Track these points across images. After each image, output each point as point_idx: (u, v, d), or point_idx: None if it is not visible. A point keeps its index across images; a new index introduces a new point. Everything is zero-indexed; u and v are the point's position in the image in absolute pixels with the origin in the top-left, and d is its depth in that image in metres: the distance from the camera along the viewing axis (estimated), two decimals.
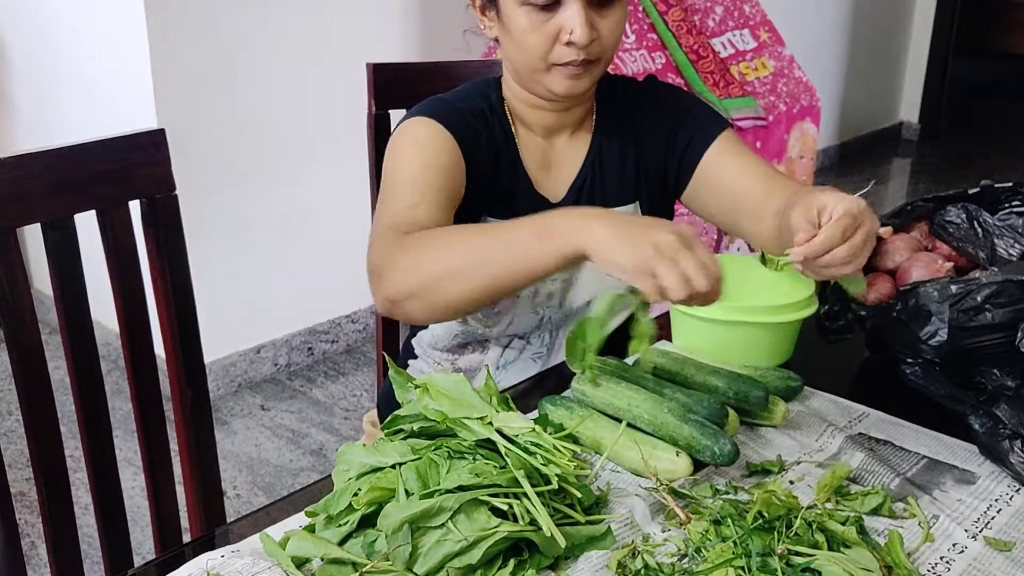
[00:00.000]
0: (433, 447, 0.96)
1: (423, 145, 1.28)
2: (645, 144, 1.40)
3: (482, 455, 0.95)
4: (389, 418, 1.04)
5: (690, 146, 1.37)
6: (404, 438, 1.00)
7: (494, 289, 1.08)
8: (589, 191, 1.39)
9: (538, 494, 0.91)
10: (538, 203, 1.37)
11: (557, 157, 1.40)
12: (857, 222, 1.04)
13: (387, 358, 1.16)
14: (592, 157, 1.40)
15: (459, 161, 1.29)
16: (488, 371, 1.10)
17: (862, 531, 0.96)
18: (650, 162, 1.41)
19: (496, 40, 1.33)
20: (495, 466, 0.93)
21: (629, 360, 1.27)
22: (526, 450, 0.96)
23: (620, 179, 1.40)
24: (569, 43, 1.23)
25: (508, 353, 1.45)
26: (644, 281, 0.95)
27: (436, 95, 1.37)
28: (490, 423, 0.98)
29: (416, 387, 1.04)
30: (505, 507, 0.90)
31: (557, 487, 0.94)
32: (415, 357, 1.53)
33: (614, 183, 1.40)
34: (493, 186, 1.35)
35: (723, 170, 1.35)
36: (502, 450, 0.95)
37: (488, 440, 0.96)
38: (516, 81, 1.35)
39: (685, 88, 3.05)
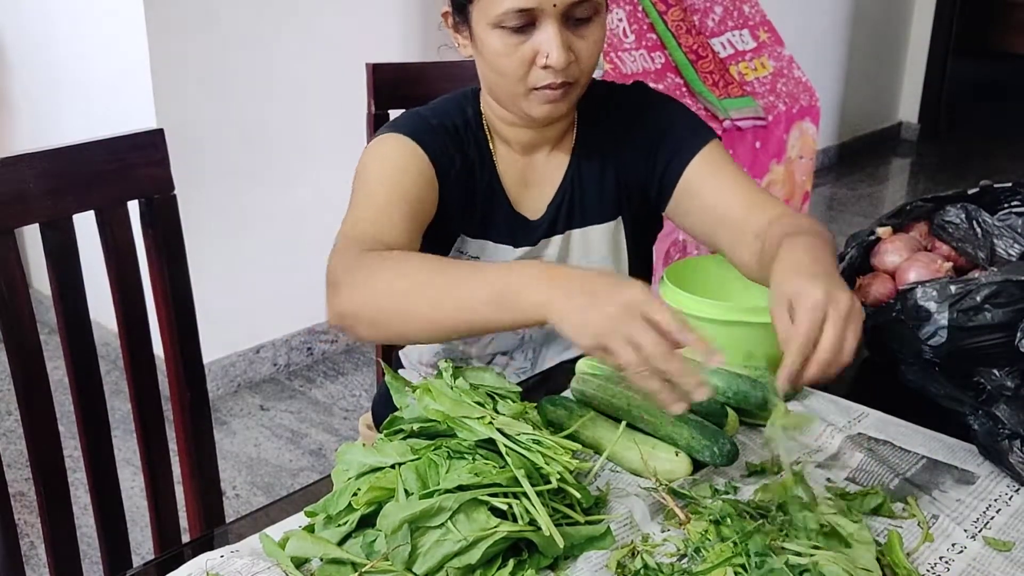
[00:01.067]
0: (433, 447, 0.96)
1: (394, 162, 1.23)
2: (626, 159, 1.35)
3: (482, 455, 0.95)
4: (388, 419, 1.04)
5: (672, 160, 1.32)
6: (404, 438, 1.00)
7: (443, 337, 1.09)
8: (568, 209, 1.35)
9: (538, 494, 0.91)
10: (515, 221, 1.34)
11: (536, 174, 1.36)
12: (821, 314, 0.93)
13: (384, 366, 1.15)
14: (571, 174, 1.35)
15: (430, 180, 1.25)
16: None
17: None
18: (631, 177, 1.36)
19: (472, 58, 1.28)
20: (495, 466, 0.93)
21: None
22: (527, 448, 0.96)
23: (600, 196, 1.36)
24: (546, 66, 1.17)
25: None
26: (601, 356, 0.92)
27: (414, 109, 1.32)
28: (491, 423, 0.98)
29: (414, 390, 1.04)
30: (504, 507, 0.90)
31: (557, 487, 0.94)
32: (403, 367, 1.53)
33: (594, 201, 1.36)
34: (469, 204, 1.31)
35: (703, 185, 1.30)
36: (502, 449, 0.95)
37: (488, 440, 0.96)
38: (493, 99, 1.30)
39: (684, 88, 3.05)
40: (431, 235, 1.27)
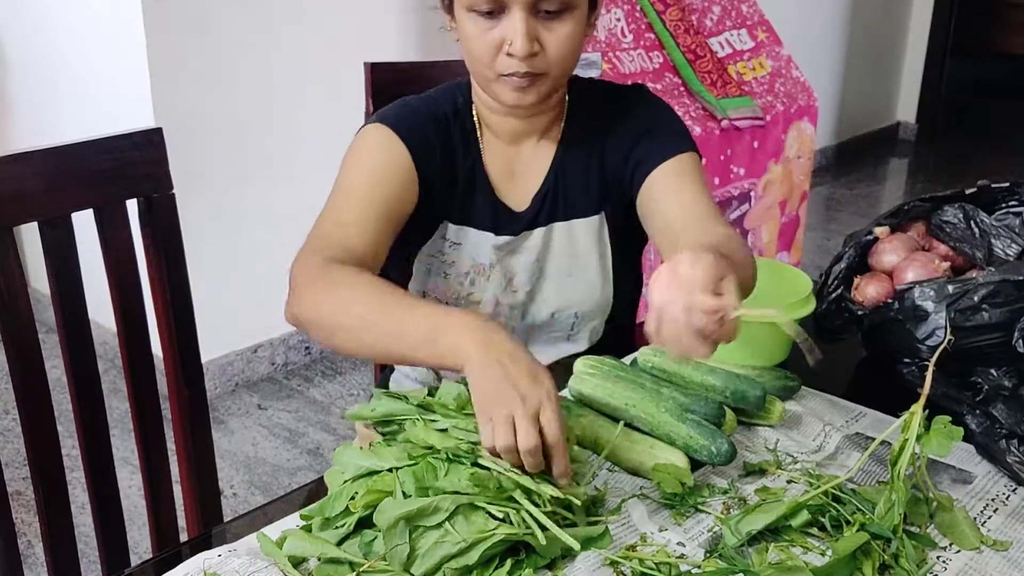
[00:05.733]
0: (432, 453, 0.96)
1: (374, 159, 1.27)
2: (609, 155, 1.36)
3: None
4: (383, 423, 1.04)
5: (642, 162, 1.32)
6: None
7: (383, 360, 1.14)
8: (552, 201, 1.36)
9: (536, 495, 0.91)
10: (499, 211, 1.34)
11: (522, 165, 1.36)
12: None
13: (375, 390, 1.15)
14: (556, 166, 1.36)
15: (408, 174, 1.27)
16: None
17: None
18: (612, 172, 1.36)
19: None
20: (493, 477, 0.92)
21: (626, 360, 1.27)
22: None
23: (584, 190, 1.36)
24: (510, 54, 1.19)
25: None
26: (482, 426, 0.95)
27: (406, 97, 1.35)
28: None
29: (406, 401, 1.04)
30: (502, 515, 0.89)
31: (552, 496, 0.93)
32: (394, 369, 1.53)
33: (577, 194, 1.36)
34: (451, 191, 1.33)
35: (662, 194, 1.29)
36: (494, 474, 0.94)
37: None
38: (475, 83, 1.33)
39: (682, 88, 3.05)
40: (415, 221, 1.30)
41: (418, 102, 1.34)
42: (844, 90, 5.39)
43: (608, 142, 1.36)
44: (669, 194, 1.28)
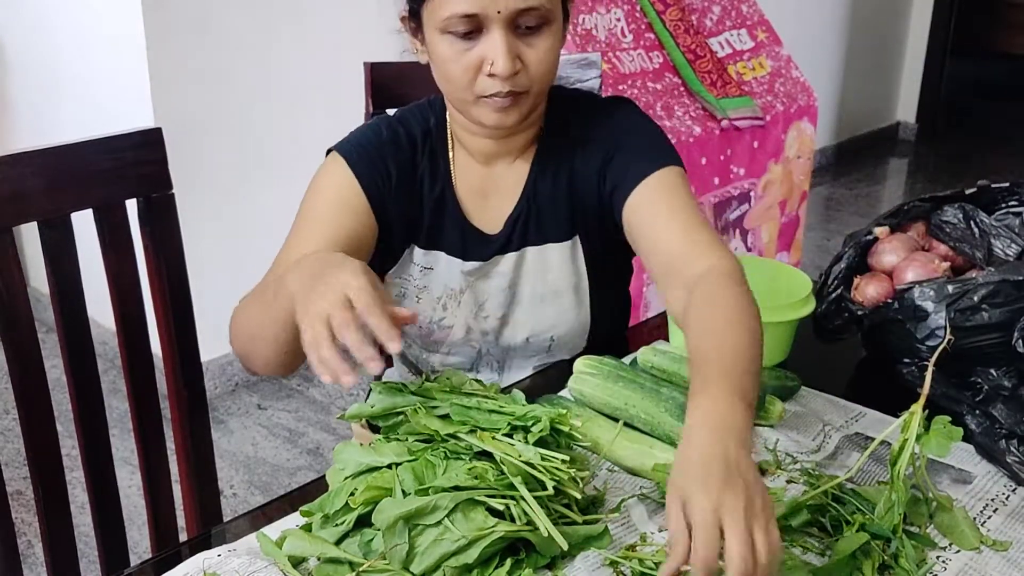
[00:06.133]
0: (430, 449, 0.96)
1: (324, 190, 1.25)
2: (579, 175, 1.29)
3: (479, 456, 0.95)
4: (383, 417, 1.04)
5: (620, 184, 1.25)
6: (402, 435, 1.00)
7: (287, 351, 1.06)
8: (524, 225, 1.31)
9: (535, 496, 0.91)
10: (468, 235, 1.30)
11: (494, 186, 1.31)
12: (714, 527, 0.79)
13: (372, 384, 1.14)
14: (529, 189, 1.30)
15: (360, 204, 1.24)
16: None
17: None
18: (585, 194, 1.29)
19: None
20: (492, 468, 0.93)
21: (626, 360, 1.27)
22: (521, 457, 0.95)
23: (555, 213, 1.30)
24: (492, 75, 1.14)
25: None
26: (303, 339, 0.92)
27: (378, 117, 1.32)
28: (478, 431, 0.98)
29: (407, 391, 1.04)
30: (502, 508, 0.89)
31: (554, 491, 0.94)
32: (391, 367, 1.53)
33: (549, 217, 1.31)
34: (416, 216, 1.29)
35: (641, 221, 1.22)
36: (498, 458, 0.95)
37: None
38: (450, 105, 1.28)
39: (682, 88, 3.05)
40: (381, 249, 1.28)
41: (382, 126, 1.29)
42: (844, 90, 5.39)
43: (576, 161, 1.29)
44: (647, 224, 1.21)
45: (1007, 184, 1.43)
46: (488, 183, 1.31)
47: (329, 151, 1.30)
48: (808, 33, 4.83)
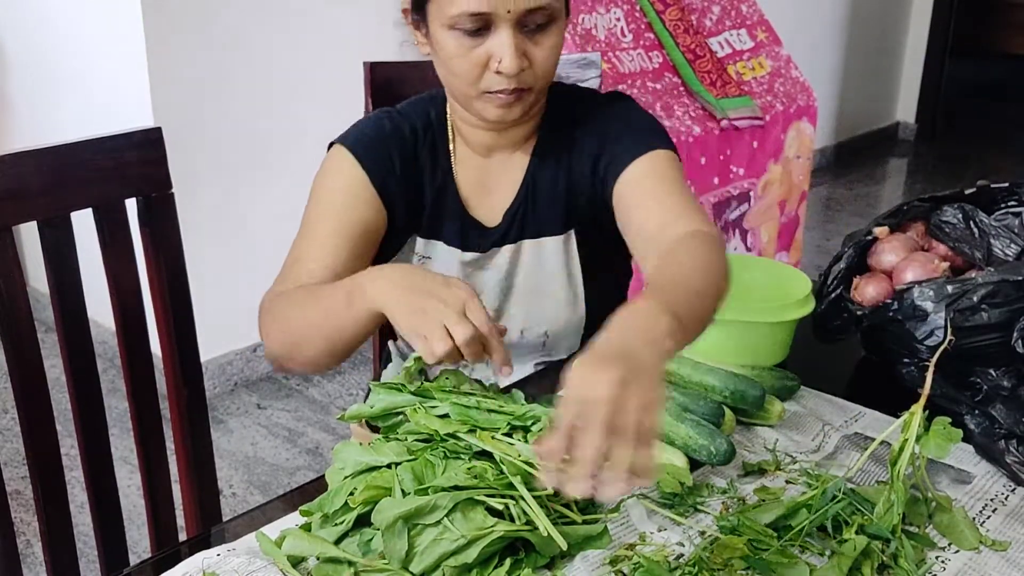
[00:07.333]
0: (430, 448, 0.96)
1: (331, 183, 1.27)
2: (575, 167, 1.31)
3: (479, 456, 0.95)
4: (382, 417, 1.04)
5: (610, 165, 1.26)
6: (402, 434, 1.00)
7: (333, 348, 1.12)
8: (522, 218, 1.32)
9: (534, 496, 0.91)
10: (468, 227, 1.32)
11: (494, 179, 1.33)
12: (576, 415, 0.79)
13: (372, 384, 1.15)
14: (527, 182, 1.32)
15: (369, 193, 1.26)
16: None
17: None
18: (581, 186, 1.31)
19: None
20: (491, 467, 0.93)
21: None
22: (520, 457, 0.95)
23: (552, 206, 1.32)
24: (499, 72, 1.16)
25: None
26: (417, 345, 0.99)
27: (379, 110, 1.33)
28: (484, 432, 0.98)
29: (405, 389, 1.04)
30: (501, 507, 0.90)
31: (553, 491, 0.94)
32: (391, 363, 1.53)
33: (546, 211, 1.32)
34: (418, 206, 1.31)
35: (628, 202, 1.23)
36: (497, 457, 0.95)
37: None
38: (452, 99, 1.29)
39: (682, 87, 3.05)
40: (388, 238, 1.30)
41: (383, 118, 1.31)
42: (843, 90, 5.39)
43: (573, 155, 1.31)
44: (641, 197, 1.22)
45: (1006, 184, 1.43)
46: (488, 175, 1.33)
47: (331, 144, 1.31)
48: (808, 33, 4.83)
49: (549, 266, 1.34)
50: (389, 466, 0.94)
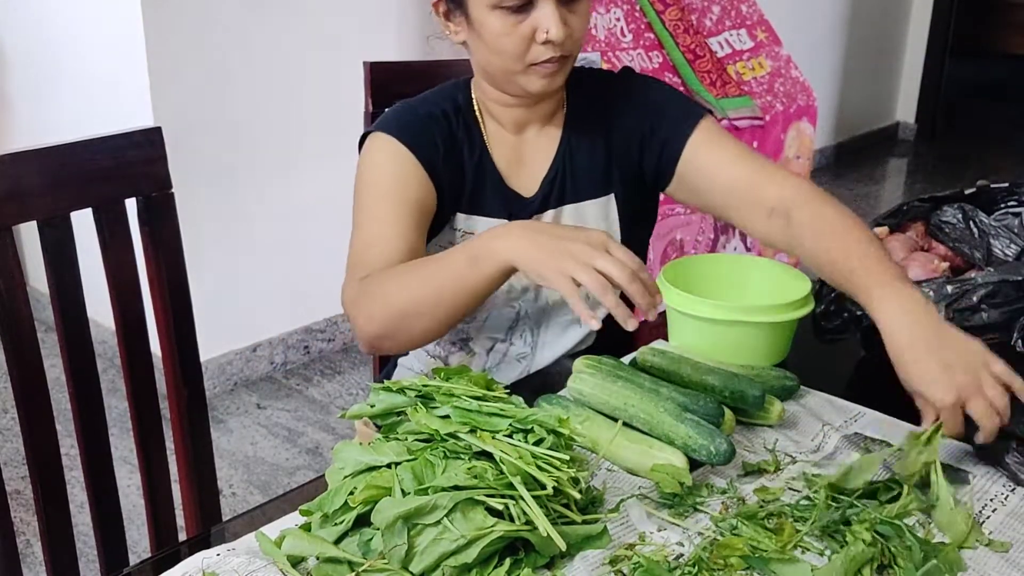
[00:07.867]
0: (430, 448, 0.96)
1: (387, 171, 1.30)
2: (616, 136, 1.39)
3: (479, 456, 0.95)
4: (383, 416, 1.04)
5: (667, 144, 1.36)
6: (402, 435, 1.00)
7: (450, 316, 1.17)
8: (560, 185, 1.39)
9: (534, 496, 0.91)
10: (509, 198, 1.37)
11: (528, 152, 1.40)
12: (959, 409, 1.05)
13: (372, 385, 1.15)
14: (563, 150, 1.39)
15: (420, 174, 1.30)
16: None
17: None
18: (622, 155, 1.40)
19: (464, 44, 1.33)
20: (491, 468, 0.93)
21: (625, 359, 1.27)
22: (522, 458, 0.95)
23: (591, 172, 1.40)
24: (546, 42, 1.24)
25: (493, 356, 1.44)
26: (564, 285, 1.05)
27: (403, 101, 1.38)
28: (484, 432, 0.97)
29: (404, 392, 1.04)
30: (501, 507, 0.89)
31: (553, 491, 0.94)
32: (406, 354, 1.54)
33: (585, 176, 1.40)
34: (459, 183, 1.36)
35: (706, 163, 1.34)
36: (497, 457, 0.95)
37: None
38: (488, 82, 1.35)
39: (681, 87, 3.05)
40: (432, 218, 1.33)
41: (415, 104, 1.37)
42: (843, 90, 5.39)
43: (614, 125, 1.39)
44: (713, 164, 1.33)
45: (1006, 184, 1.43)
46: (522, 150, 1.40)
47: (365, 135, 1.35)
48: (808, 33, 4.84)
49: (591, 227, 1.38)
50: (389, 466, 0.94)
